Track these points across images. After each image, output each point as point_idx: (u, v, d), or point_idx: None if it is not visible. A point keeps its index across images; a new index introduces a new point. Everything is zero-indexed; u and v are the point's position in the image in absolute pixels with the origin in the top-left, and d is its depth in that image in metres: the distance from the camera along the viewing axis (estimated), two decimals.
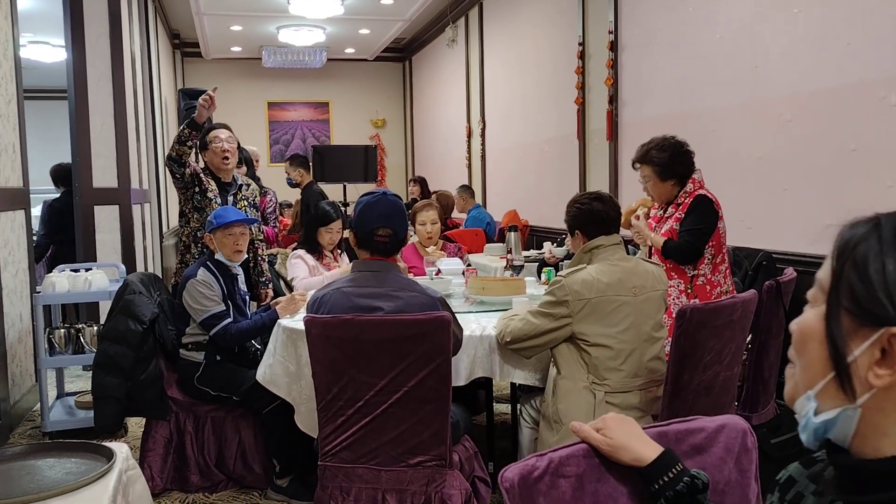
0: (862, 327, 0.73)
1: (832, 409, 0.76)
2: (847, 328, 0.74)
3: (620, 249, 2.62)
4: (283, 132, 11.94)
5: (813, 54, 3.50)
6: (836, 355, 0.75)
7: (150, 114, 7.36)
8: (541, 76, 6.80)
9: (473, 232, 6.45)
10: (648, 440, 1.12)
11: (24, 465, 1.62)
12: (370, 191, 2.51)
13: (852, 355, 0.74)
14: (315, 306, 2.38)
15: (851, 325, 0.74)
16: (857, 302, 0.73)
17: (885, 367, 0.72)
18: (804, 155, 3.58)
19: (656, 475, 1.08)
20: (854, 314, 0.74)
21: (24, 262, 4.45)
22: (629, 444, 1.11)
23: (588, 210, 2.63)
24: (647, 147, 3.11)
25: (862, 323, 0.73)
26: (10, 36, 4.30)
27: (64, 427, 3.93)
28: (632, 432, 1.13)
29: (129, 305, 3.16)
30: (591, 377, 2.50)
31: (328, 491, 2.34)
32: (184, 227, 3.83)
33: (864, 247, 0.75)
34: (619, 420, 1.15)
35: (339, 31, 9.85)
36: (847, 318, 0.74)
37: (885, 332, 0.71)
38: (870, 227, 0.76)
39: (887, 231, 0.74)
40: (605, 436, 1.13)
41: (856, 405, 0.74)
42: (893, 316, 0.71)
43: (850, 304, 0.74)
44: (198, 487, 3.25)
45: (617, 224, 2.66)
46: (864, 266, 0.73)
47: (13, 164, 4.28)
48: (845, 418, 0.75)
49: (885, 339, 0.71)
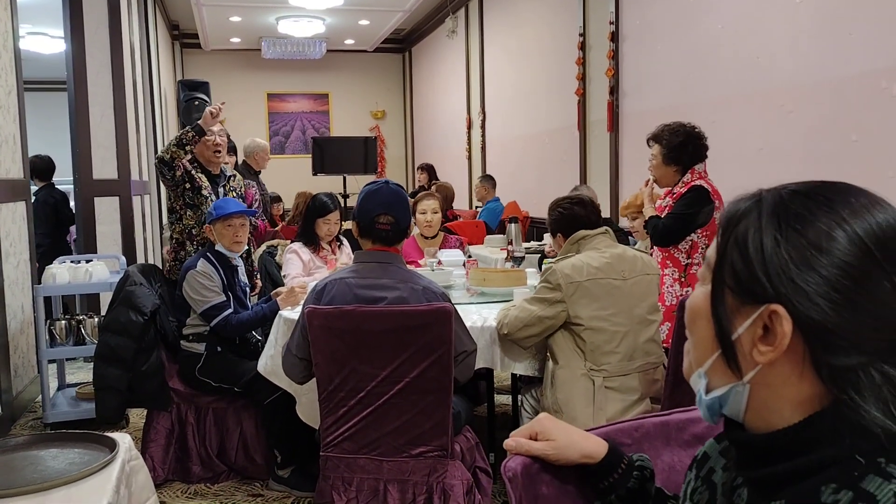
0: (745, 305, 0.74)
1: (722, 385, 0.78)
2: (731, 306, 0.75)
3: (606, 238, 2.68)
4: (283, 123, 11.92)
5: (814, 45, 3.49)
6: (721, 334, 0.76)
7: (149, 105, 7.35)
8: (541, 67, 6.78)
9: (474, 224, 6.45)
10: (587, 434, 1.08)
11: (28, 456, 1.62)
12: (372, 180, 2.50)
13: (736, 333, 0.75)
14: (317, 295, 2.38)
15: (735, 302, 0.75)
16: (739, 280, 0.74)
17: (767, 343, 0.72)
18: (805, 146, 3.57)
19: (607, 472, 1.05)
20: (736, 292, 0.74)
21: (26, 253, 4.45)
22: (573, 440, 1.06)
23: (570, 215, 2.71)
24: (664, 127, 3.12)
25: (744, 301, 0.74)
26: (10, 27, 4.28)
27: (65, 418, 3.95)
28: (569, 429, 1.08)
29: (129, 297, 3.16)
30: (589, 364, 2.53)
31: (330, 481, 2.35)
32: (175, 223, 3.83)
33: (744, 224, 0.75)
34: (552, 419, 1.09)
35: (338, 22, 9.82)
36: (730, 296, 0.75)
37: (765, 309, 0.72)
38: (752, 202, 0.77)
39: (767, 207, 0.75)
40: (546, 438, 1.07)
41: (743, 382, 0.75)
42: (772, 293, 0.71)
43: (733, 283, 0.75)
44: (199, 478, 3.26)
45: (598, 222, 2.71)
46: (745, 243, 0.74)
47: (13, 155, 4.27)
48: (735, 394, 0.77)
49: (766, 316, 0.72)
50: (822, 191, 0.75)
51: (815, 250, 0.70)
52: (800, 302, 0.70)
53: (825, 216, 0.72)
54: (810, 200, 0.74)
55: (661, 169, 3.13)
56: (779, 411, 0.74)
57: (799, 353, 0.71)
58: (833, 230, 0.71)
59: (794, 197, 0.75)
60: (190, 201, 3.73)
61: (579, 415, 2.49)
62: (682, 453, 1.13)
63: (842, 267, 0.69)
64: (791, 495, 0.71)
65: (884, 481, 0.66)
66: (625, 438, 1.14)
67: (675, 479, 1.11)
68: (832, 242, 0.70)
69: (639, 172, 5.03)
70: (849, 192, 0.74)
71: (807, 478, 0.70)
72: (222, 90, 10.68)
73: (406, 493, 2.33)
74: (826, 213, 0.72)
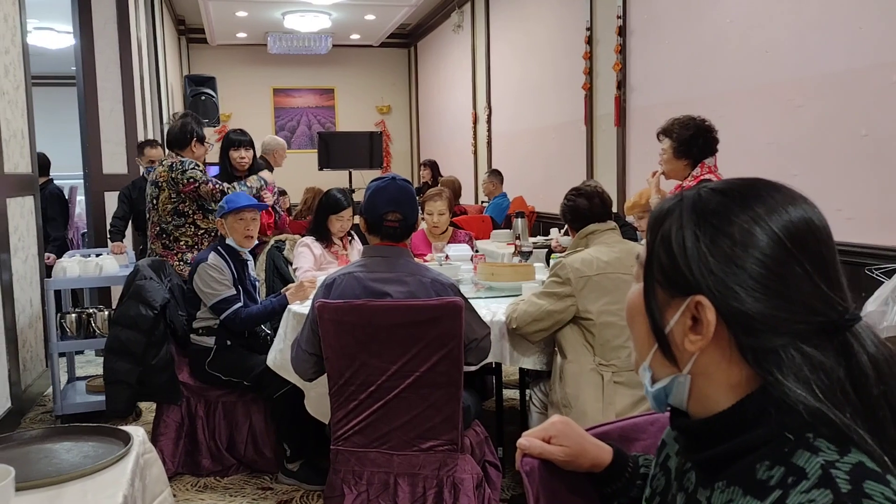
0: (673, 298, 0.79)
1: (665, 377, 0.83)
2: (661, 300, 0.81)
3: (615, 234, 2.68)
4: (289, 118, 11.92)
5: (823, 38, 3.48)
6: (655, 328, 0.82)
7: (156, 100, 7.36)
8: (548, 62, 6.77)
9: (480, 219, 6.44)
10: (595, 440, 1.10)
11: (42, 449, 1.63)
12: (379, 176, 2.50)
13: (668, 326, 0.80)
14: (326, 289, 2.38)
15: (664, 296, 0.80)
16: (666, 274, 0.80)
17: (696, 333, 0.78)
18: (814, 140, 3.56)
19: (610, 480, 1.07)
20: (664, 286, 0.80)
21: (34, 247, 4.47)
22: (584, 449, 1.08)
23: (573, 207, 2.72)
24: (674, 120, 3.12)
25: (672, 294, 0.79)
26: (18, 22, 4.29)
27: (76, 410, 3.98)
28: (582, 436, 1.09)
29: (139, 291, 3.17)
30: (598, 358, 2.54)
31: (340, 475, 2.36)
32: (184, 226, 3.87)
33: (668, 222, 0.81)
34: (567, 423, 1.10)
35: (344, 17, 9.81)
36: (660, 291, 0.81)
37: (691, 300, 0.77)
38: (675, 202, 0.83)
39: (687, 206, 0.80)
40: (560, 444, 1.08)
41: (684, 373, 0.81)
42: (695, 285, 0.77)
43: (661, 277, 0.80)
44: (209, 471, 3.27)
45: (604, 216, 2.70)
46: (668, 241, 0.80)
47: (22, 150, 4.29)
48: (677, 385, 0.82)
49: (692, 307, 0.77)
50: (738, 188, 0.80)
51: (731, 243, 0.76)
52: (720, 291, 0.75)
53: (741, 212, 0.77)
54: (726, 198, 0.79)
55: (671, 163, 3.12)
56: (715, 397, 0.79)
57: (725, 339, 0.77)
58: (750, 226, 0.76)
59: (711, 195, 0.80)
60: (207, 206, 3.77)
61: (588, 409, 2.49)
62: None
63: (758, 258, 0.75)
64: (731, 474, 0.77)
65: (812, 455, 0.70)
66: (640, 434, 1.14)
67: None
68: (749, 237, 0.75)
69: (646, 167, 5.01)
70: (763, 189, 0.79)
71: (743, 457, 0.76)
72: (228, 85, 10.70)
73: (416, 486, 2.34)
74: (741, 209, 0.77)
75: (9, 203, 3.94)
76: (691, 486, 0.84)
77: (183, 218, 3.88)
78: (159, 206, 3.92)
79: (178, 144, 4.01)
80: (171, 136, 4.04)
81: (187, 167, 3.86)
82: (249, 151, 4.49)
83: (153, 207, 3.98)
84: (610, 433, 1.13)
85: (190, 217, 3.90)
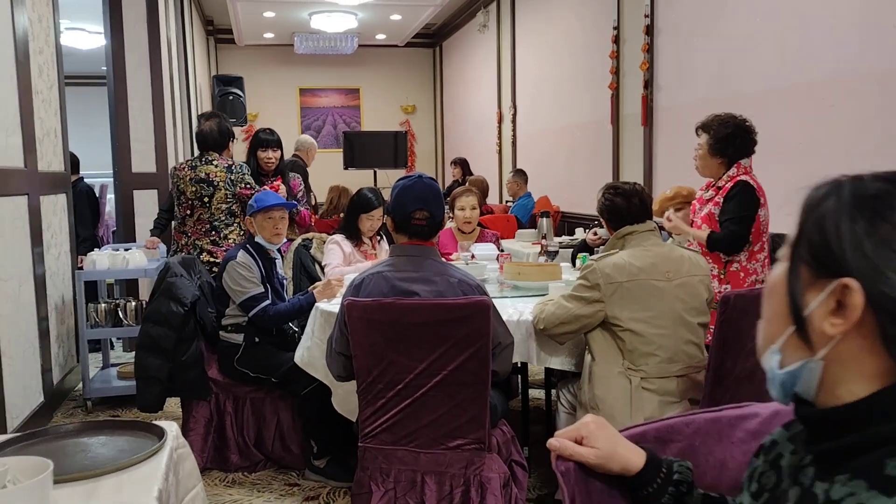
0: (819, 279, 0.77)
1: (795, 361, 0.80)
2: (805, 280, 0.79)
3: (654, 235, 2.62)
4: (315, 118, 11.99)
5: (858, 36, 3.43)
6: (795, 308, 0.79)
7: (185, 100, 7.44)
8: (574, 61, 6.74)
9: (505, 218, 6.43)
10: (628, 443, 1.07)
11: (78, 443, 1.66)
12: (406, 175, 2.51)
13: (809, 308, 0.78)
14: (355, 290, 2.39)
15: (809, 277, 0.78)
16: (815, 254, 0.78)
17: (839, 316, 0.75)
18: (847, 141, 3.51)
19: (641, 485, 1.05)
20: (811, 266, 0.78)
21: (66, 244, 4.54)
22: (616, 452, 1.05)
23: (610, 205, 2.66)
24: (715, 117, 3.08)
25: (819, 274, 0.77)
26: (52, 23, 4.37)
27: (105, 394, 4.29)
28: (615, 438, 1.07)
29: (170, 288, 3.20)
30: (627, 363, 2.50)
31: (368, 472, 2.36)
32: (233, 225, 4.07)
33: (824, 206, 0.79)
34: (600, 425, 1.07)
35: (370, 17, 9.85)
36: (805, 271, 0.79)
37: (838, 283, 0.75)
38: (831, 187, 0.80)
39: (846, 193, 0.78)
40: (592, 445, 1.05)
41: (817, 357, 0.78)
42: (846, 268, 0.74)
43: (809, 257, 0.78)
44: (237, 467, 3.30)
45: (643, 216, 2.65)
46: (822, 223, 0.78)
47: (55, 148, 4.36)
48: (808, 371, 0.79)
49: (838, 291, 0.75)
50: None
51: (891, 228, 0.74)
52: (872, 276, 0.73)
53: None
54: (889, 184, 0.77)
55: (705, 159, 3.09)
56: (848, 386, 0.76)
57: (870, 328, 0.74)
58: None
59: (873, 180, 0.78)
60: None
61: (617, 413, 2.47)
62: (734, 450, 1.12)
63: None
64: (856, 468, 0.73)
65: None
66: (676, 435, 1.13)
67: (726, 476, 1.10)
68: None
69: (673, 167, 4.99)
70: None
71: (872, 451, 0.73)
72: (255, 85, 10.79)
73: (444, 485, 2.34)
74: None
75: (42, 201, 4.01)
76: (808, 480, 0.81)
77: (233, 217, 4.09)
78: (213, 204, 4.06)
79: (218, 146, 4.14)
80: (210, 139, 4.13)
81: (245, 172, 4.07)
82: (277, 152, 4.54)
83: (203, 205, 4.09)
84: (646, 434, 1.11)
85: (239, 217, 4.11)
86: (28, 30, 3.84)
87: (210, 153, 4.11)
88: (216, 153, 4.13)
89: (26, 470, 1.36)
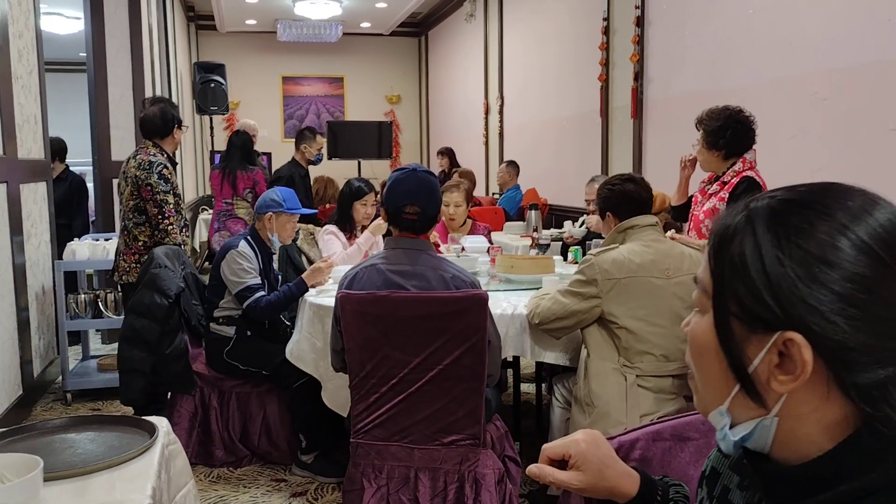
0: (755, 333, 0.68)
1: (747, 420, 0.72)
2: (740, 335, 0.69)
3: (655, 231, 2.58)
4: (298, 107, 11.87)
5: (850, 29, 3.41)
6: (736, 368, 0.70)
7: (166, 87, 7.31)
8: (563, 52, 6.70)
9: (493, 210, 6.40)
10: (618, 464, 0.97)
11: (66, 439, 1.60)
12: (402, 167, 2.46)
13: (752, 365, 0.69)
14: (349, 283, 2.34)
15: (744, 331, 0.69)
16: (745, 307, 0.68)
17: (785, 372, 0.67)
18: (840, 134, 3.50)
19: None
20: (744, 320, 0.68)
21: (46, 234, 4.44)
22: (604, 477, 0.95)
23: (620, 191, 2.60)
24: (709, 110, 3.05)
25: (754, 329, 0.68)
26: (32, 6, 4.25)
27: (85, 386, 4.20)
28: (606, 459, 0.96)
29: (154, 279, 3.13)
30: (622, 359, 2.48)
31: (360, 468, 2.32)
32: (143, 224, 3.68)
33: (738, 242, 0.69)
34: (592, 443, 0.96)
35: (355, 5, 9.74)
36: (738, 325, 0.69)
37: (779, 336, 0.66)
38: (742, 216, 0.70)
39: (760, 221, 0.69)
40: (577, 468, 0.95)
41: (771, 415, 0.70)
42: (785, 319, 0.66)
43: (738, 310, 0.69)
44: (222, 462, 3.25)
45: (650, 206, 2.62)
46: (744, 265, 0.68)
47: (35, 135, 4.25)
48: (762, 429, 0.71)
49: (780, 344, 0.66)
50: (814, 196, 0.70)
51: (821, 264, 0.65)
52: (816, 324, 0.64)
53: (824, 224, 0.66)
54: (805, 208, 0.68)
55: (703, 154, 3.07)
56: (809, 439, 0.69)
57: (822, 375, 0.66)
58: (836, 239, 0.65)
59: (786, 206, 0.69)
60: (175, 209, 3.67)
61: (612, 409, 2.44)
62: None
63: (853, 279, 0.64)
64: None
65: None
66: (692, 433, 1.10)
67: None
68: (838, 253, 0.65)
69: (663, 160, 4.97)
70: (843, 195, 0.69)
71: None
72: (237, 73, 10.64)
73: (437, 481, 2.31)
74: (825, 220, 0.67)
75: (22, 189, 3.91)
76: None
77: (143, 216, 3.67)
78: (123, 200, 3.72)
79: (160, 133, 3.74)
80: (151, 125, 3.74)
81: (155, 171, 3.61)
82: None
83: (120, 202, 3.79)
84: (662, 432, 1.08)
85: (156, 216, 3.65)
86: (7, 13, 3.73)
87: (145, 143, 3.75)
88: (158, 140, 3.75)
89: (14, 467, 1.30)
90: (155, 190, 3.60)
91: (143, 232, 3.69)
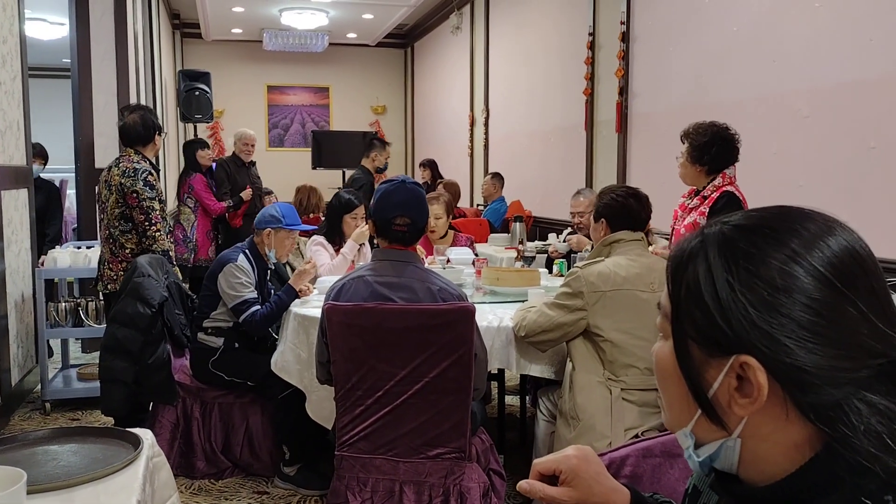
0: (713, 357, 0.70)
1: (711, 441, 0.74)
2: (699, 359, 0.71)
3: (641, 246, 2.60)
4: (283, 116, 11.84)
5: (833, 48, 3.47)
6: (696, 392, 0.72)
7: (150, 94, 7.27)
8: (548, 66, 6.74)
9: (477, 222, 6.41)
10: (609, 482, 0.97)
11: (48, 451, 1.58)
12: (390, 178, 2.46)
13: (712, 389, 0.71)
14: (336, 294, 2.34)
15: (702, 355, 0.71)
16: (701, 331, 0.70)
17: (744, 395, 0.69)
18: (821, 151, 3.55)
19: None
20: (701, 344, 0.71)
21: (27, 241, 4.39)
22: (593, 494, 0.95)
23: (623, 205, 2.62)
24: (696, 125, 3.08)
25: (711, 353, 0.70)
26: (16, 11, 4.22)
27: (64, 396, 4.14)
28: (596, 476, 0.95)
29: (137, 288, 3.10)
30: (607, 373, 2.49)
31: (345, 481, 2.31)
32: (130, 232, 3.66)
33: (692, 268, 0.71)
34: (583, 459, 0.96)
35: (342, 15, 9.75)
36: (696, 349, 0.71)
37: (734, 360, 0.68)
38: (696, 243, 0.73)
39: (712, 247, 0.71)
40: (567, 484, 0.94)
41: (733, 437, 0.71)
42: (737, 342, 0.67)
43: (695, 334, 0.71)
44: (204, 474, 3.22)
45: (644, 225, 2.64)
46: (698, 291, 0.70)
47: (17, 142, 4.21)
48: (726, 450, 0.73)
49: (737, 367, 0.68)
50: (766, 222, 0.72)
51: (772, 290, 0.67)
52: (768, 347, 0.66)
53: (775, 251, 0.68)
54: (756, 235, 0.70)
55: (685, 167, 3.10)
56: (773, 459, 0.70)
57: (779, 397, 0.68)
58: (789, 266, 0.67)
59: (738, 233, 0.71)
60: (162, 216, 3.65)
61: (597, 423, 2.44)
62: None
63: (805, 304, 0.66)
64: None
65: None
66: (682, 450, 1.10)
67: None
68: (791, 279, 0.67)
69: (648, 174, 5.01)
70: (795, 220, 0.71)
71: None
72: (222, 81, 10.60)
73: (422, 494, 2.30)
74: (775, 247, 0.69)
75: (3, 195, 3.86)
76: None
77: (130, 223, 3.65)
78: (108, 209, 3.68)
79: (142, 140, 3.72)
80: (133, 133, 3.71)
81: (140, 178, 3.59)
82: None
83: (103, 210, 3.75)
84: (652, 448, 1.08)
85: (143, 223, 3.63)
86: None
87: (127, 151, 3.73)
88: (140, 148, 3.73)
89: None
90: (141, 197, 3.58)
91: (130, 240, 3.67)
